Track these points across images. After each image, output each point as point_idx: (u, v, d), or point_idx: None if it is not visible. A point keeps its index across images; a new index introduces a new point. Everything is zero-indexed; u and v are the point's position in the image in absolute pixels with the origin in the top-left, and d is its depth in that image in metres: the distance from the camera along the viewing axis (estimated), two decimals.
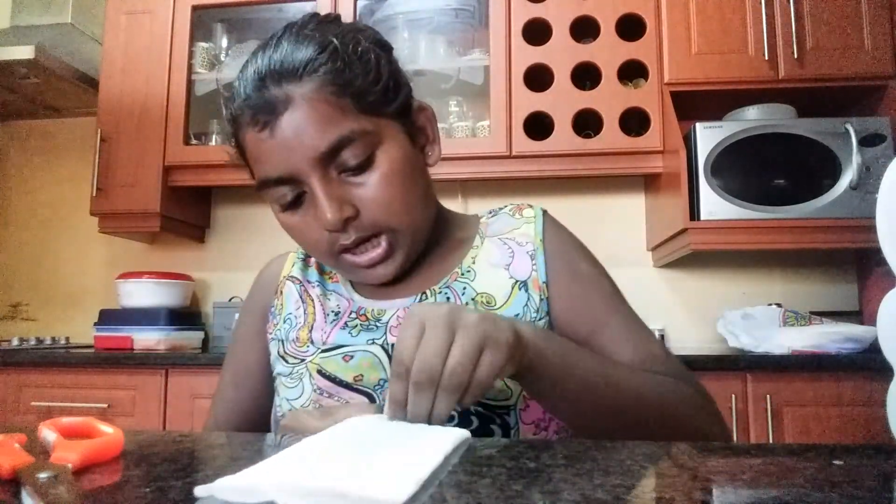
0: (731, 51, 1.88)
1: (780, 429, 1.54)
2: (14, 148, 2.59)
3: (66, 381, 1.82)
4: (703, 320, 2.09)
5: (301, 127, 0.58)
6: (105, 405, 1.79)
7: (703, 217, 1.75)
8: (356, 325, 0.69)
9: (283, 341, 0.72)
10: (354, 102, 0.60)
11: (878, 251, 0.41)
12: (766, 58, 1.85)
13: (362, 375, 0.65)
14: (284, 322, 0.73)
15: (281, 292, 0.76)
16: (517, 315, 0.65)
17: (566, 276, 0.68)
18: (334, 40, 0.61)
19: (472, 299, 0.67)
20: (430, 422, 0.45)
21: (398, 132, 0.64)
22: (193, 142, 2.17)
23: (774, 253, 2.04)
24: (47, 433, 0.39)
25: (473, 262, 0.70)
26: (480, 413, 0.61)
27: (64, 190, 2.52)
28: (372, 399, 0.64)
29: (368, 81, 0.61)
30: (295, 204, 0.63)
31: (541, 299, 0.67)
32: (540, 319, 0.66)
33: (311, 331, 0.70)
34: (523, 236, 0.71)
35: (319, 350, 0.68)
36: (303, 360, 0.69)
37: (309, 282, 0.76)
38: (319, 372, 0.67)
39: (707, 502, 0.29)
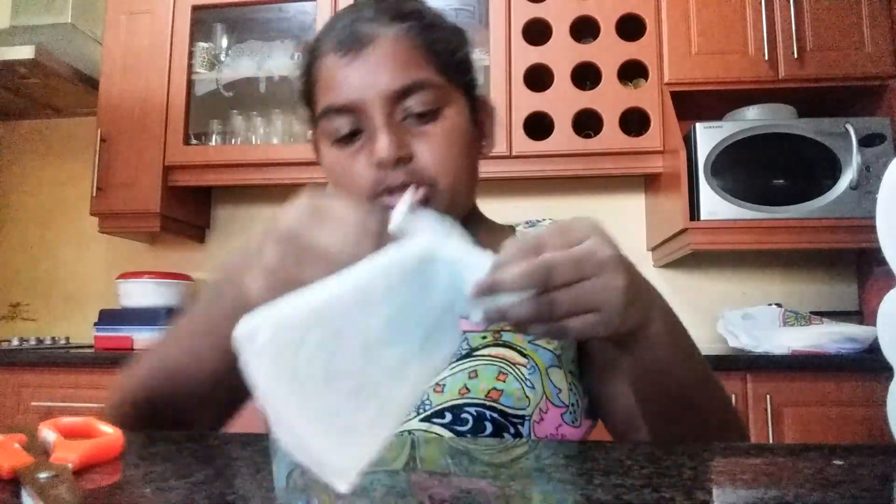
0: (731, 51, 1.88)
1: (780, 429, 1.54)
2: (14, 148, 2.59)
3: (66, 381, 1.82)
4: (703, 320, 2.09)
5: (381, 62, 0.60)
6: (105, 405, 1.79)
7: (703, 217, 1.75)
8: None
9: None
10: (434, 58, 0.62)
11: (878, 251, 0.41)
12: (766, 58, 1.85)
13: None
14: None
15: None
16: None
17: None
18: (420, 5, 0.65)
19: None
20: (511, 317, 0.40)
21: (464, 106, 0.65)
22: (193, 142, 2.17)
23: (774, 253, 2.04)
24: (47, 433, 0.39)
25: None
26: (496, 420, 0.61)
27: (64, 190, 2.52)
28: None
29: (449, 47, 0.64)
30: (348, 140, 0.62)
31: None
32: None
33: None
34: None
35: None
36: None
37: None
38: None
39: (707, 502, 0.29)
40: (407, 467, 0.38)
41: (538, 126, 1.97)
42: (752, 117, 1.87)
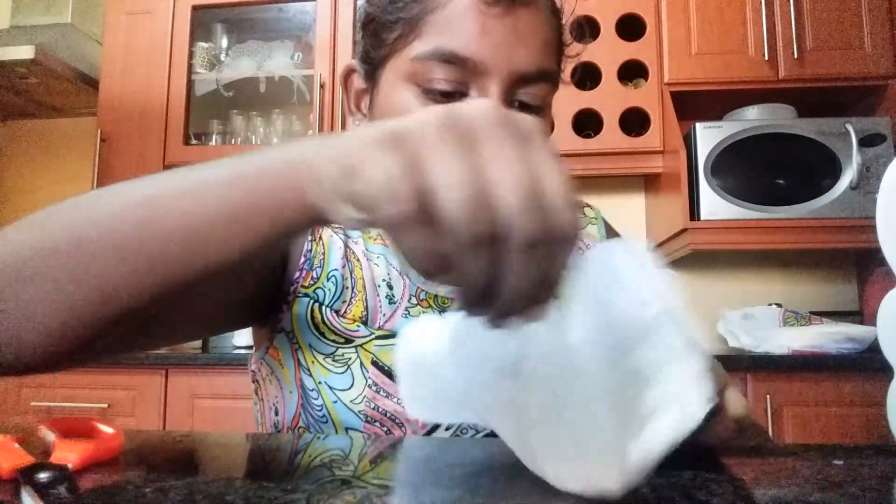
0: (731, 51, 1.88)
1: (780, 429, 1.54)
2: (14, 148, 2.59)
3: (66, 381, 1.82)
4: (704, 320, 2.09)
5: (528, 33, 0.52)
6: (105, 405, 1.79)
7: (703, 217, 1.75)
8: (419, 315, 0.58)
9: (323, 305, 0.58)
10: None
11: (878, 251, 0.41)
12: (766, 58, 1.85)
13: None
14: (328, 279, 0.59)
15: (320, 238, 0.61)
16: None
17: None
18: None
19: None
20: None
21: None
22: (193, 142, 2.18)
23: (774, 253, 2.04)
24: (47, 433, 0.39)
25: None
26: None
27: (64, 190, 2.52)
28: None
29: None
30: (441, 96, 0.53)
31: None
32: None
33: (366, 308, 0.58)
34: (590, 238, 0.71)
35: (374, 335, 0.57)
36: (350, 342, 0.57)
37: (349, 236, 0.62)
38: (374, 363, 0.56)
39: (707, 502, 0.29)
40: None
41: None
42: (752, 117, 1.87)
